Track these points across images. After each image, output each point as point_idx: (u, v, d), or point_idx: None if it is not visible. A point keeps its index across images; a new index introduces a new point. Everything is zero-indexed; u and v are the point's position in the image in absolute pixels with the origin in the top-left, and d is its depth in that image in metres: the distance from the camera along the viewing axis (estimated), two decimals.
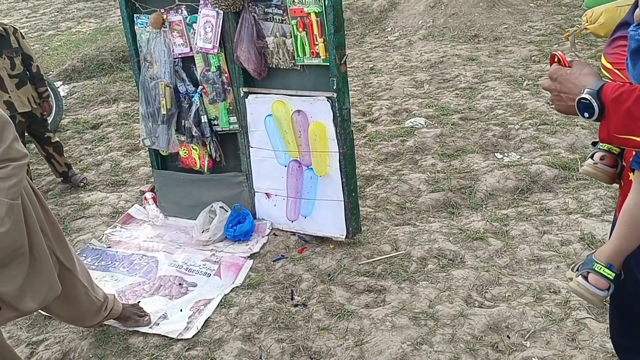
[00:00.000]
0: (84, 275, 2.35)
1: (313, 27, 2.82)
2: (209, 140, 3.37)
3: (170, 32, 3.24)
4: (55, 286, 2.07)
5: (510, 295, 2.67)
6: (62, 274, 2.16)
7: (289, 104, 3.08)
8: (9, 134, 1.71)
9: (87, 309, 2.43)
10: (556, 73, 1.33)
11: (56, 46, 8.84)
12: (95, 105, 6.07)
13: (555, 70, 1.34)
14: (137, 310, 2.75)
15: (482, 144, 4.13)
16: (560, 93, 1.33)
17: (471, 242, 3.09)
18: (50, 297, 2.06)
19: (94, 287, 2.45)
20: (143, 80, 3.41)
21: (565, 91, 1.31)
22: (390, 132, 4.49)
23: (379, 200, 3.61)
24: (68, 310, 2.37)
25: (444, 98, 5.02)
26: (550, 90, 1.36)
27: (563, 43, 5.96)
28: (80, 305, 2.38)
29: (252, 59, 3.03)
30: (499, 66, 5.62)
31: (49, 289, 2.04)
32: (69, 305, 2.32)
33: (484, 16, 6.90)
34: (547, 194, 3.50)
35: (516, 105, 4.67)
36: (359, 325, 2.58)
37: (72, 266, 2.25)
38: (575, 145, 3.94)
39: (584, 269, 1.42)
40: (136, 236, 3.55)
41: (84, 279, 2.34)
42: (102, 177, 4.43)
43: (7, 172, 1.71)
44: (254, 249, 3.22)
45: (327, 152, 3.04)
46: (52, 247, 2.10)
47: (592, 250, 2.89)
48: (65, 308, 2.33)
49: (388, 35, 7.27)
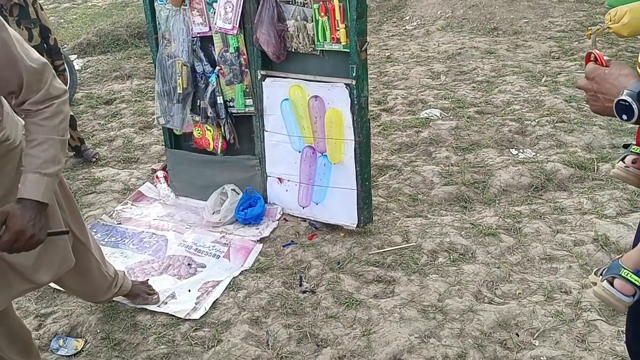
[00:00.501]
0: (97, 250, 2.35)
1: (335, 12, 2.78)
2: (223, 122, 3.35)
3: (190, 10, 3.21)
4: (69, 259, 2.07)
5: (521, 293, 2.66)
6: (76, 247, 2.15)
7: (307, 89, 3.05)
8: (48, 74, 1.71)
9: (99, 284, 2.43)
10: (593, 72, 1.30)
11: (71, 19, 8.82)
12: (109, 80, 6.06)
13: (592, 69, 1.30)
14: (146, 288, 2.76)
15: (498, 139, 4.09)
16: (597, 93, 1.29)
17: (483, 237, 3.06)
18: (63, 269, 2.05)
19: (106, 262, 2.45)
20: (160, 58, 3.39)
21: (603, 92, 1.27)
22: (404, 122, 4.46)
23: (391, 191, 3.59)
24: (80, 285, 2.37)
25: (461, 90, 4.97)
26: (586, 90, 1.32)
27: (583, 40, 5.88)
28: (92, 279, 2.37)
29: (271, 42, 2.99)
30: (518, 61, 5.55)
31: (63, 261, 2.04)
32: (81, 280, 2.32)
33: (504, 9, 6.81)
34: (562, 193, 3.47)
35: (533, 101, 4.61)
36: (367, 315, 2.57)
37: (86, 240, 2.25)
38: (593, 144, 3.89)
39: (609, 273, 1.40)
40: (146, 214, 3.55)
41: (97, 253, 2.34)
42: (114, 154, 4.42)
43: (53, 110, 1.70)
44: (264, 233, 3.22)
45: (342, 140, 3.01)
46: (67, 220, 2.09)
47: (604, 251, 2.88)
48: (78, 282, 2.33)
49: (406, 24, 7.20)
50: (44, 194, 1.66)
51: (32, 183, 1.65)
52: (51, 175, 1.69)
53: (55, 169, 1.69)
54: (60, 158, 1.72)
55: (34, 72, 1.64)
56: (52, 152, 1.69)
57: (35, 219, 1.65)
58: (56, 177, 1.72)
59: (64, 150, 1.75)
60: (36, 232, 1.65)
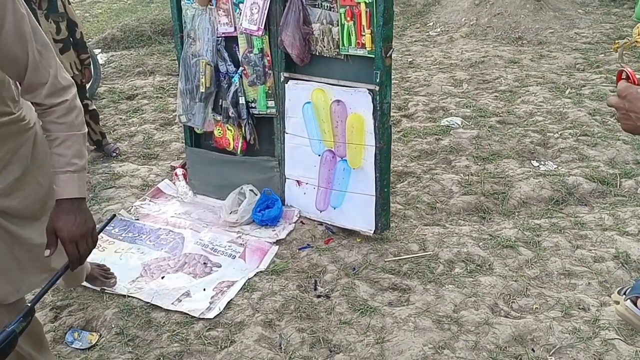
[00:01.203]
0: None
1: (361, 17, 2.77)
2: (244, 123, 3.36)
3: (217, 10, 3.22)
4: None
5: (538, 308, 2.62)
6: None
7: (329, 93, 3.04)
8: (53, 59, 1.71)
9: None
10: (626, 91, 1.27)
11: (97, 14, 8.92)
12: (132, 76, 6.11)
13: (624, 87, 1.28)
14: (102, 272, 2.82)
15: (519, 150, 4.05)
16: (629, 112, 1.27)
17: (501, 249, 3.03)
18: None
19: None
20: (185, 56, 3.40)
21: (636, 110, 1.25)
22: (425, 129, 4.43)
23: (410, 198, 3.57)
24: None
25: (483, 99, 4.94)
26: (618, 108, 1.30)
27: (610, 53, 5.81)
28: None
29: (296, 44, 2.99)
30: (542, 71, 5.50)
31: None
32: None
33: (529, 18, 6.75)
34: (583, 208, 3.42)
35: (557, 113, 4.56)
36: (381, 322, 2.56)
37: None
38: (616, 159, 3.84)
39: (633, 293, 1.38)
40: (164, 211, 3.57)
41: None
42: (135, 149, 4.45)
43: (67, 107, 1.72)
44: (280, 235, 3.21)
45: (363, 145, 3.00)
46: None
47: (625, 269, 2.83)
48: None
49: (429, 30, 7.17)
50: (79, 190, 1.72)
51: (65, 183, 1.70)
52: (80, 170, 1.74)
53: (82, 163, 1.75)
54: (84, 151, 1.76)
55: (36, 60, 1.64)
56: (77, 147, 1.73)
57: (78, 216, 1.70)
58: (85, 170, 1.76)
59: (85, 143, 1.78)
60: (87, 229, 1.72)
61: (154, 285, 2.88)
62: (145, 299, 2.76)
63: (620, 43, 4.53)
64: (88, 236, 1.73)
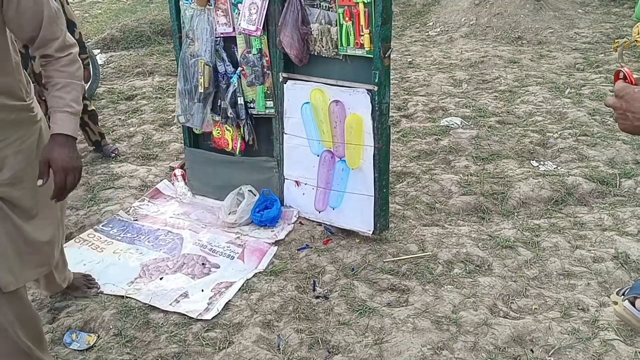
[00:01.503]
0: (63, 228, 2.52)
1: (360, 17, 2.77)
2: (243, 123, 3.35)
3: (215, 10, 3.22)
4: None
5: (537, 309, 2.61)
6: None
7: (328, 93, 3.04)
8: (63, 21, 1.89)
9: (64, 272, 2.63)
10: (623, 91, 1.27)
11: (96, 14, 8.91)
12: (131, 76, 6.11)
13: (622, 87, 1.28)
14: (86, 282, 2.84)
15: (518, 150, 4.05)
16: (626, 112, 1.27)
17: (500, 249, 3.03)
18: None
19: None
20: (183, 56, 3.40)
21: (632, 110, 1.25)
22: (424, 130, 4.43)
23: (409, 198, 3.56)
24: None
25: (482, 99, 4.93)
26: (615, 108, 1.30)
27: (609, 53, 5.81)
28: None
29: (294, 45, 2.99)
30: (541, 71, 5.49)
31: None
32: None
33: (529, 18, 6.74)
34: (582, 208, 3.42)
35: (556, 113, 4.56)
36: (380, 323, 2.55)
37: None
38: (615, 159, 3.83)
39: (631, 293, 1.37)
40: (163, 212, 3.56)
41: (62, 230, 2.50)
42: (134, 150, 4.45)
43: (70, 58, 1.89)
44: (279, 235, 3.21)
45: (361, 145, 2.99)
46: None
47: (624, 269, 2.83)
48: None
49: (429, 30, 7.16)
50: (73, 130, 1.87)
51: (62, 120, 1.85)
52: (76, 113, 1.89)
53: (78, 108, 1.90)
54: (80, 100, 1.92)
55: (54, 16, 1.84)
56: (75, 94, 1.89)
57: (71, 151, 1.85)
58: (78, 116, 1.92)
59: (81, 95, 1.93)
60: (77, 164, 1.87)
61: (152, 286, 2.87)
62: (143, 300, 2.76)
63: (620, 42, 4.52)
64: (77, 171, 1.86)
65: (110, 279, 2.93)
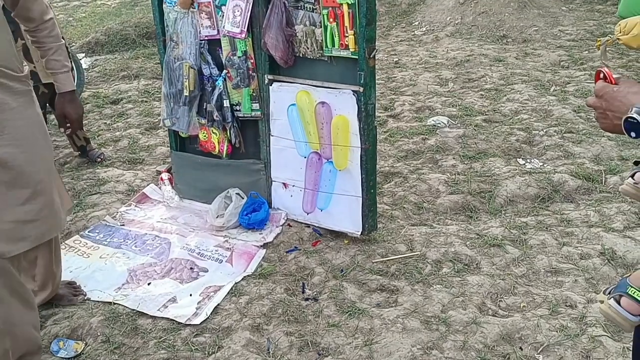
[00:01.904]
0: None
1: (344, 18, 2.76)
2: (229, 126, 3.34)
3: (199, 13, 3.20)
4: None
5: (525, 306, 2.63)
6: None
7: (314, 95, 3.03)
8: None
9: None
10: (602, 90, 1.28)
11: (80, 17, 8.84)
12: (116, 80, 6.06)
13: (601, 87, 1.29)
14: (72, 290, 2.83)
15: (505, 148, 4.07)
16: (605, 111, 1.27)
17: (488, 248, 3.04)
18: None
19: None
20: (168, 60, 3.38)
21: (612, 109, 1.25)
22: (411, 129, 4.43)
23: (397, 198, 3.57)
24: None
25: (468, 98, 4.95)
26: (596, 108, 1.30)
27: (593, 50, 5.85)
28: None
29: (279, 47, 2.98)
30: (527, 69, 5.52)
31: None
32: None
33: (514, 17, 6.78)
34: (569, 205, 3.44)
35: (542, 111, 4.59)
36: (370, 324, 2.55)
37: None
38: (601, 156, 3.86)
39: (616, 292, 1.38)
40: (150, 216, 3.54)
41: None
42: (120, 154, 4.42)
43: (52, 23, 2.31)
44: (267, 238, 3.20)
45: (348, 147, 2.99)
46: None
47: (611, 265, 2.85)
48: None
49: (415, 30, 7.18)
50: (72, 84, 2.42)
51: (65, 79, 2.38)
52: (69, 70, 2.40)
53: (70, 65, 2.43)
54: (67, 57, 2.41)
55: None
56: (64, 54, 2.37)
57: (78, 102, 2.47)
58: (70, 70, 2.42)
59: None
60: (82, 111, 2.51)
61: (140, 292, 2.85)
62: (130, 306, 2.73)
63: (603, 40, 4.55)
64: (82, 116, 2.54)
65: (97, 285, 2.90)
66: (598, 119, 1.31)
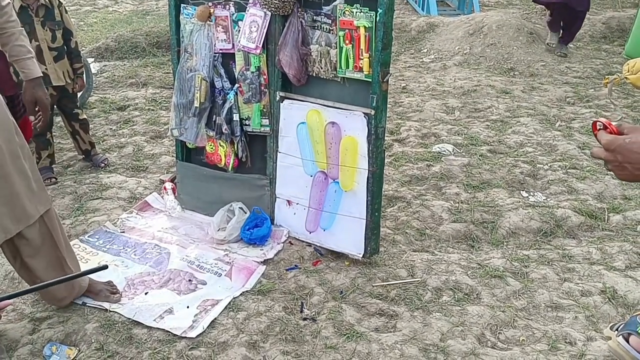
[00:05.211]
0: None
1: (360, 41, 2.79)
2: (237, 139, 3.34)
3: (215, 26, 3.22)
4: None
5: (525, 340, 2.61)
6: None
7: (324, 115, 3.04)
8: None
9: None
10: (613, 143, 1.27)
11: (92, 23, 8.88)
12: (124, 87, 6.07)
13: (611, 140, 1.28)
14: (109, 287, 2.83)
15: (509, 180, 4.07)
16: (622, 164, 1.26)
17: (489, 279, 3.02)
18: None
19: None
20: (180, 70, 3.39)
21: (631, 162, 1.24)
22: (416, 155, 4.44)
23: (399, 223, 3.56)
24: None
25: (474, 128, 4.97)
26: (609, 161, 1.29)
27: (599, 88, 5.89)
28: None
29: (293, 65, 3.00)
30: (533, 103, 5.56)
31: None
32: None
33: (522, 50, 6.83)
34: (571, 241, 3.43)
35: (547, 145, 4.60)
36: (367, 348, 2.52)
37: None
38: (604, 194, 3.86)
39: (625, 329, 1.37)
40: (151, 225, 3.52)
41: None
42: (124, 161, 4.41)
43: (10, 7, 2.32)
44: (268, 254, 3.18)
45: (355, 168, 2.99)
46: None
47: (612, 304, 2.83)
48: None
49: (423, 57, 7.23)
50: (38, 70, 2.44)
51: (32, 65, 2.39)
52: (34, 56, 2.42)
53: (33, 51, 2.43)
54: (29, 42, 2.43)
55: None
56: (26, 40, 2.40)
57: (44, 88, 2.47)
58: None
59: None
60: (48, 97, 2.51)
61: (136, 301, 2.82)
62: (127, 314, 2.70)
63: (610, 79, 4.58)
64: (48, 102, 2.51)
65: None
66: (614, 171, 1.30)
